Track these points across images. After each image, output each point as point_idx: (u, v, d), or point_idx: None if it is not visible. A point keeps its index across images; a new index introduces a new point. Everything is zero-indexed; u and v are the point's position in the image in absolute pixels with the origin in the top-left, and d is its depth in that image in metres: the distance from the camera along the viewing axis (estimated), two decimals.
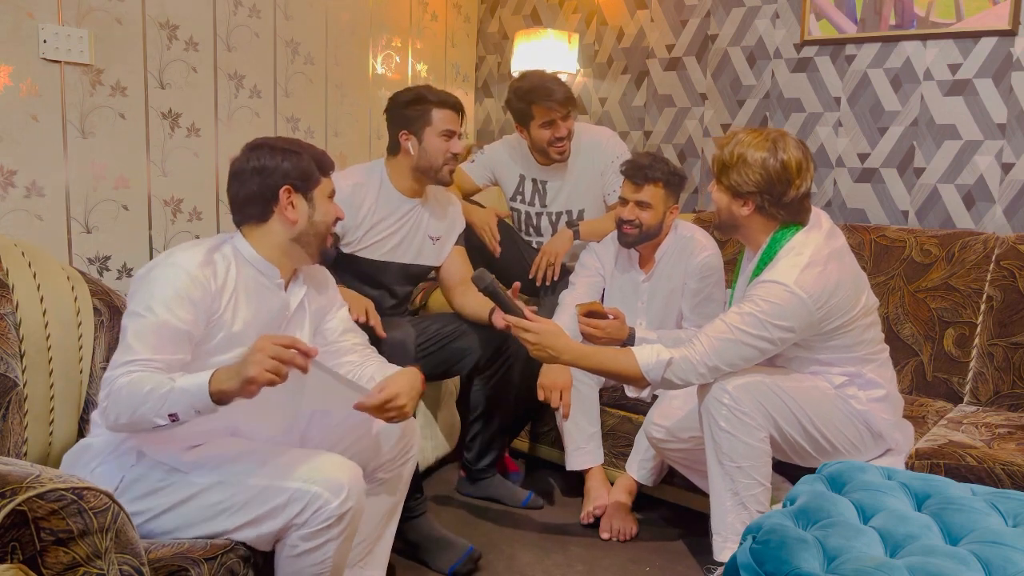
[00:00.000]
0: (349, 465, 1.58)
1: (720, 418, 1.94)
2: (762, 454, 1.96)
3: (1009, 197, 2.67)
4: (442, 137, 2.33)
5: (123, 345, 1.54)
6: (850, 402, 2.05)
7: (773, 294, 1.90)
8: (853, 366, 2.05)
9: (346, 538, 1.57)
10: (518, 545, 2.34)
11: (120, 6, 2.36)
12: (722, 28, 3.19)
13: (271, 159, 1.69)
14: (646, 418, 2.33)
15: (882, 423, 2.06)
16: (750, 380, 1.95)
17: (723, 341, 1.92)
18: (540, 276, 2.72)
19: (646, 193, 2.41)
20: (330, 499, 1.51)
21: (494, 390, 2.52)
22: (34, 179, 2.22)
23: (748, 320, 1.91)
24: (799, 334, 1.94)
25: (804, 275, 1.89)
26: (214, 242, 1.70)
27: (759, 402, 1.94)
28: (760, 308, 1.90)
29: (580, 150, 2.83)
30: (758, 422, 1.94)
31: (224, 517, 1.55)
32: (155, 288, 1.57)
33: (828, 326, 1.95)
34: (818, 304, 1.90)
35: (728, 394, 1.93)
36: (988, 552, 1.32)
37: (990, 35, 2.66)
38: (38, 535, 1.16)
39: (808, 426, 1.99)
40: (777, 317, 1.89)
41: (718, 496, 2.01)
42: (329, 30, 3.07)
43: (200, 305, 1.59)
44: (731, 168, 1.98)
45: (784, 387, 1.98)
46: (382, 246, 2.40)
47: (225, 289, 1.64)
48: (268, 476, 1.54)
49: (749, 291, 1.97)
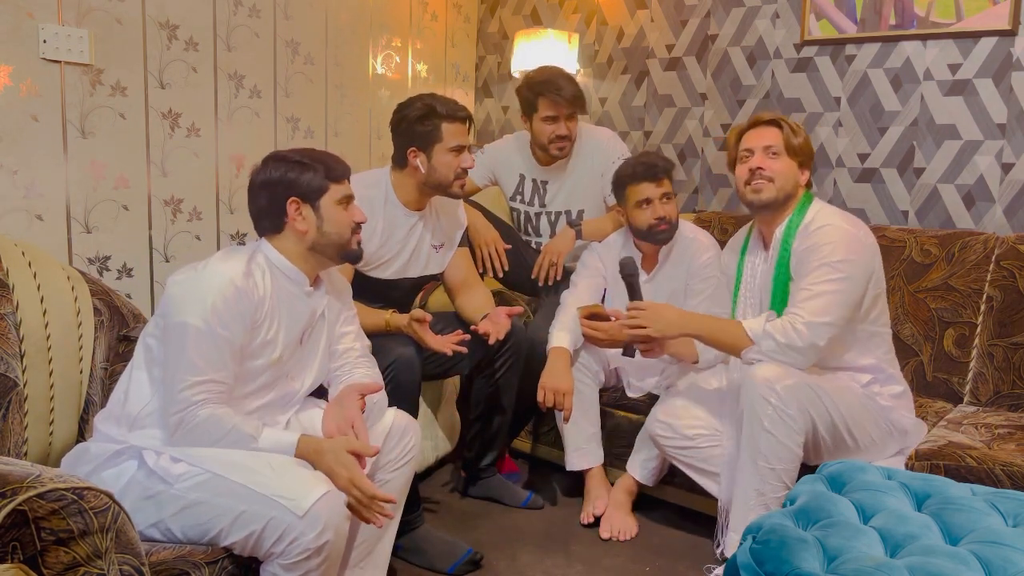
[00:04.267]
0: (332, 494, 1.55)
1: (765, 418, 1.95)
2: (796, 458, 1.99)
3: (1009, 197, 2.68)
4: (452, 153, 2.27)
5: (185, 360, 1.59)
6: (876, 399, 2.09)
7: (831, 235, 2.03)
8: (876, 350, 2.12)
9: (327, 567, 1.56)
10: (518, 545, 2.34)
11: (120, 6, 2.36)
12: (722, 28, 3.19)
13: (277, 171, 1.74)
14: (649, 415, 2.33)
15: (906, 420, 2.11)
16: (797, 383, 1.96)
17: (812, 297, 2.00)
18: (542, 276, 2.72)
19: (667, 185, 2.46)
20: (306, 531, 1.49)
21: (494, 390, 2.52)
22: (34, 179, 2.22)
23: (824, 272, 2.01)
24: (870, 268, 2.06)
25: (847, 218, 2.11)
26: (248, 251, 1.75)
27: (804, 405, 1.96)
28: (828, 255, 2.01)
29: (581, 150, 2.83)
30: (800, 425, 1.95)
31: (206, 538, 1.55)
32: (207, 298, 1.61)
33: (874, 278, 2.09)
34: (870, 239, 2.09)
35: (776, 394, 1.94)
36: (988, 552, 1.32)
37: (990, 35, 2.66)
38: (39, 535, 1.16)
39: (840, 425, 2.02)
40: (846, 253, 2.01)
41: (743, 493, 2.01)
42: (329, 30, 3.07)
43: (247, 316, 1.65)
44: (800, 135, 2.15)
45: (825, 388, 2.02)
46: (391, 265, 2.37)
47: (265, 299, 1.70)
48: (248, 499, 1.52)
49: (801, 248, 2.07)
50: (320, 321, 1.84)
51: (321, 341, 1.85)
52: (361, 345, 1.95)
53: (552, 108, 2.68)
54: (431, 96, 2.29)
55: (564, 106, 2.67)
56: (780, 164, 2.13)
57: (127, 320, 1.96)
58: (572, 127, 2.73)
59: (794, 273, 2.09)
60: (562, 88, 2.66)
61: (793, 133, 2.15)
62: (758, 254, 2.24)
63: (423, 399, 2.55)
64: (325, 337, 1.86)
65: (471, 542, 2.26)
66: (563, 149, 2.75)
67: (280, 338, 1.72)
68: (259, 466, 1.57)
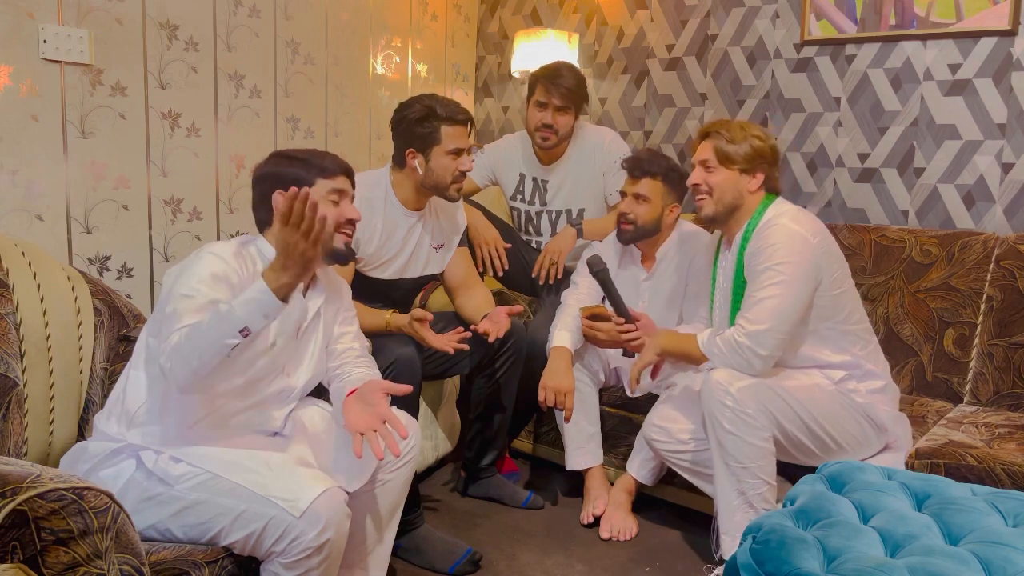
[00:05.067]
0: (332, 492, 1.55)
1: (724, 420, 1.96)
2: (767, 454, 1.98)
3: (1009, 197, 2.67)
4: (450, 156, 2.26)
5: (173, 319, 1.56)
6: (851, 396, 2.08)
7: (775, 237, 2.01)
8: (852, 347, 2.09)
9: (329, 566, 1.56)
10: (518, 545, 2.34)
11: (120, 6, 2.36)
12: (722, 28, 3.19)
13: (268, 167, 1.78)
14: (645, 421, 2.33)
15: (884, 415, 2.10)
16: (752, 383, 1.97)
17: (754, 304, 1.99)
18: (543, 275, 2.72)
19: (643, 187, 2.42)
20: (307, 530, 1.49)
21: (494, 390, 2.52)
22: (34, 179, 2.22)
23: (768, 276, 1.99)
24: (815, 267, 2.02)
25: (796, 217, 2.06)
26: (240, 240, 1.76)
27: (761, 403, 1.96)
28: (769, 257, 1.99)
29: (583, 149, 2.83)
30: (761, 423, 1.95)
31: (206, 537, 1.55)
32: (194, 272, 1.61)
33: (830, 274, 2.05)
34: (818, 238, 2.04)
35: (731, 396, 1.95)
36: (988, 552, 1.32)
37: (990, 35, 2.66)
38: (38, 535, 1.16)
39: (812, 424, 2.00)
40: (787, 255, 1.98)
41: (725, 496, 2.02)
42: (329, 30, 3.07)
43: (236, 289, 1.63)
44: (743, 141, 2.10)
45: (786, 387, 2.01)
46: (391, 265, 2.38)
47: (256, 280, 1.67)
48: (248, 498, 1.52)
49: (751, 252, 2.05)
50: (315, 319, 1.83)
51: (317, 339, 1.84)
52: (360, 345, 1.95)
53: (544, 95, 2.69)
54: (432, 97, 2.28)
55: (556, 96, 2.68)
56: (716, 177, 2.12)
57: (127, 320, 1.96)
58: (560, 121, 2.72)
59: (747, 277, 2.08)
60: (561, 79, 2.67)
61: (729, 141, 2.10)
62: (727, 258, 2.24)
63: (423, 399, 2.55)
64: (321, 335, 1.85)
65: (471, 542, 2.26)
66: (547, 140, 2.74)
67: (273, 324, 1.68)
68: (256, 466, 1.57)
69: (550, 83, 2.67)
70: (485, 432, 2.58)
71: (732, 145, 2.10)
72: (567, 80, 2.68)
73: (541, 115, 2.71)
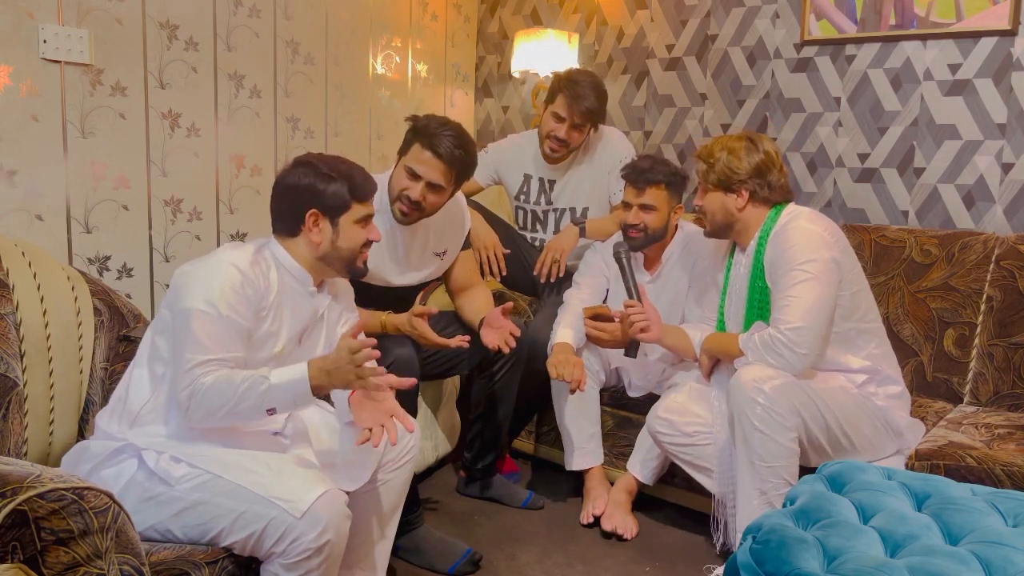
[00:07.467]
0: (332, 493, 1.55)
1: (754, 418, 1.96)
2: (791, 454, 1.99)
3: (1009, 197, 2.67)
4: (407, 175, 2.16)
5: (192, 341, 1.58)
6: (872, 399, 2.09)
7: (794, 238, 2.05)
8: (869, 346, 2.12)
9: (329, 566, 1.56)
10: (518, 545, 2.34)
11: (120, 6, 2.36)
12: (722, 28, 3.19)
13: (306, 179, 1.74)
14: (650, 412, 2.33)
15: (901, 420, 2.12)
16: (785, 382, 1.98)
17: (786, 305, 2.01)
18: (544, 273, 2.71)
19: (649, 196, 2.42)
20: (307, 531, 1.50)
21: (494, 390, 2.52)
22: (34, 179, 2.22)
23: (793, 276, 2.02)
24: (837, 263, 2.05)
25: (811, 218, 2.11)
26: (256, 245, 1.76)
27: (792, 403, 1.97)
28: (792, 258, 2.03)
29: (589, 148, 2.83)
30: (791, 423, 1.97)
31: (206, 538, 1.55)
32: (213, 283, 1.61)
33: (848, 271, 2.08)
34: (834, 237, 2.08)
35: (764, 394, 1.95)
36: (988, 552, 1.32)
37: (990, 35, 2.66)
38: (39, 535, 1.16)
39: (833, 425, 2.02)
40: (809, 253, 2.02)
41: (746, 494, 2.02)
42: (329, 30, 3.07)
43: (253, 302, 1.65)
44: (717, 163, 2.14)
45: (815, 388, 2.03)
46: (392, 275, 2.36)
47: (271, 289, 1.71)
48: (248, 499, 1.53)
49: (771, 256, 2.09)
50: (319, 322, 1.84)
51: (320, 341, 1.85)
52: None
53: (564, 109, 2.67)
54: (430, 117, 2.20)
55: (576, 115, 2.66)
56: (705, 200, 2.21)
57: (127, 320, 1.96)
58: (574, 136, 2.72)
59: (769, 282, 2.10)
60: (584, 97, 2.64)
61: (708, 166, 2.17)
62: (741, 261, 2.24)
63: (423, 399, 2.55)
64: (324, 338, 1.86)
65: (471, 542, 2.26)
66: (555, 151, 2.75)
67: (283, 332, 1.73)
68: (257, 467, 1.58)
69: (572, 100, 2.64)
70: (485, 432, 2.58)
71: (709, 169, 2.18)
72: (590, 101, 2.65)
73: (556, 127, 2.70)
